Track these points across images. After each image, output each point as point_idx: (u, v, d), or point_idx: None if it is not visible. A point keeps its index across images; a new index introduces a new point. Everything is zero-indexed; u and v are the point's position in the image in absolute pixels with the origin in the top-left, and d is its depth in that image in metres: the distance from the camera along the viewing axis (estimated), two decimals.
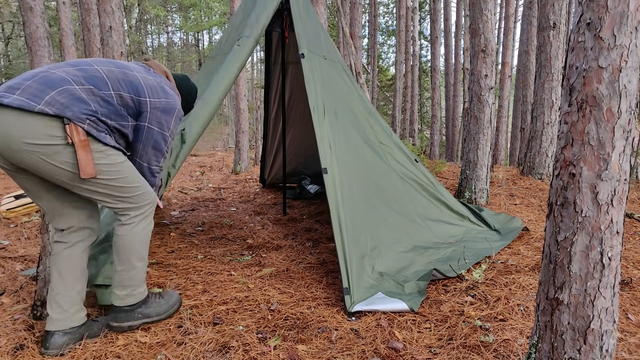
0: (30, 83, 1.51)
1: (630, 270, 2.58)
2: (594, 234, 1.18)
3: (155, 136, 1.77)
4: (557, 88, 5.05)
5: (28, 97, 1.48)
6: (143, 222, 1.81)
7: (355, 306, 2.07)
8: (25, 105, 1.46)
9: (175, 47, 25.75)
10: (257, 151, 8.46)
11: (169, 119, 1.79)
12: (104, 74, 1.65)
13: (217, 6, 16.31)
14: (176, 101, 1.83)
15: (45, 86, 1.51)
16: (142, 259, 1.83)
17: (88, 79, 1.60)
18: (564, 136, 1.22)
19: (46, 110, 1.48)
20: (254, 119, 10.45)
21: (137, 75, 1.74)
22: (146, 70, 1.83)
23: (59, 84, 1.54)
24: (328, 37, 3.44)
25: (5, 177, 5.65)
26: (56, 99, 1.50)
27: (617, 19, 1.10)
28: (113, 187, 1.69)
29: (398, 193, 3.04)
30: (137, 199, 1.77)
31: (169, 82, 1.89)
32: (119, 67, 1.72)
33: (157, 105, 1.75)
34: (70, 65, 1.63)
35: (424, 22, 19.88)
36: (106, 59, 1.76)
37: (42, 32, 7.45)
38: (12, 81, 1.54)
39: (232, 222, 3.80)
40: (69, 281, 1.74)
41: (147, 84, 1.74)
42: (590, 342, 1.22)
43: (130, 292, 1.84)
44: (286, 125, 4.58)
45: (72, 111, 1.52)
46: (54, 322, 1.71)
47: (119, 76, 1.68)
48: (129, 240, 1.77)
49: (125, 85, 1.68)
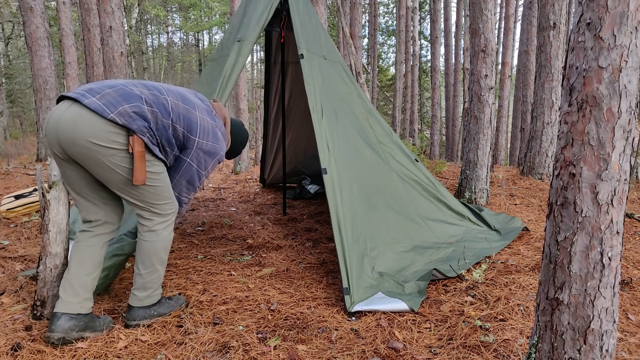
0: (110, 92, 1.71)
1: (630, 270, 2.58)
2: (594, 234, 1.18)
3: (193, 172, 1.95)
4: (557, 88, 5.05)
5: (105, 103, 1.67)
6: (167, 229, 1.93)
7: (355, 306, 2.07)
8: (100, 110, 1.65)
9: (175, 47, 25.75)
10: (257, 151, 8.46)
11: (208, 160, 1.97)
12: (170, 105, 1.83)
13: (217, 6, 16.32)
14: (222, 147, 2.00)
15: (121, 98, 1.70)
16: (163, 263, 1.96)
17: (157, 104, 1.78)
18: (564, 136, 1.22)
19: (116, 119, 1.66)
20: (254, 119, 10.45)
21: (197, 114, 1.90)
22: (208, 111, 1.99)
23: (133, 99, 1.72)
24: (328, 37, 3.44)
25: (5, 177, 5.65)
26: (127, 112, 1.69)
27: (617, 19, 1.10)
28: (150, 194, 1.84)
29: (398, 193, 3.04)
30: (164, 208, 1.91)
31: (223, 128, 2.05)
32: (186, 104, 1.88)
33: (203, 147, 1.92)
34: (146, 87, 1.83)
35: (424, 22, 19.88)
36: (177, 90, 1.93)
37: (42, 32, 7.46)
38: (94, 84, 1.74)
39: (232, 222, 3.80)
40: (87, 267, 1.85)
41: (202, 124, 1.91)
42: (590, 342, 1.22)
43: (150, 294, 1.95)
44: (286, 125, 4.57)
45: (137, 125, 1.70)
46: (64, 304, 1.79)
47: (181, 111, 1.85)
48: (154, 245, 1.90)
49: (182, 120, 1.85)
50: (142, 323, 1.94)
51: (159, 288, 1.98)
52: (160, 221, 1.90)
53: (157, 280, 1.95)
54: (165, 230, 1.92)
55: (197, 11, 17.53)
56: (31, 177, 5.74)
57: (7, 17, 14.53)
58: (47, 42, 7.47)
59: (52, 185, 1.89)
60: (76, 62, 8.35)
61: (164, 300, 2.04)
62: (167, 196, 1.90)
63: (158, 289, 1.98)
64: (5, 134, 12.58)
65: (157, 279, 1.94)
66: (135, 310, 1.93)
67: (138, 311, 1.93)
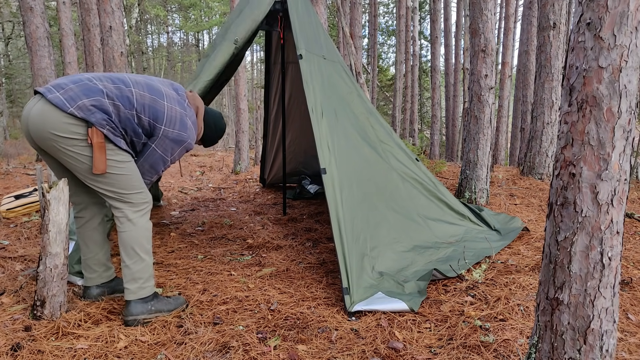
0: (73, 87, 1.83)
1: (630, 270, 2.58)
2: (594, 234, 1.18)
3: (157, 157, 2.03)
4: (557, 88, 5.04)
5: (66, 98, 1.79)
6: (143, 217, 2.01)
7: (355, 306, 2.07)
8: (61, 104, 1.78)
9: (175, 47, 25.74)
10: (257, 151, 8.46)
11: (175, 147, 2.04)
12: (135, 96, 1.92)
13: (217, 6, 16.32)
14: (189, 135, 2.06)
15: (82, 93, 1.82)
16: (147, 252, 2.02)
17: (119, 97, 1.88)
18: (564, 136, 1.22)
19: (75, 113, 1.79)
20: (254, 119, 10.45)
21: (164, 104, 1.99)
22: (180, 101, 2.06)
23: (93, 94, 1.83)
24: (328, 38, 3.44)
25: (5, 177, 5.65)
26: (86, 106, 1.80)
27: (617, 18, 1.10)
28: (117, 182, 1.92)
29: (398, 192, 3.04)
30: (136, 197, 1.98)
31: (194, 117, 2.12)
32: (152, 94, 1.97)
33: (169, 134, 2.00)
34: (111, 81, 1.92)
35: (424, 22, 19.87)
36: (146, 80, 2.01)
37: (42, 32, 7.45)
38: (62, 80, 1.86)
39: (232, 222, 3.80)
40: (93, 248, 2.11)
41: (169, 113, 1.99)
42: (590, 342, 1.22)
43: (141, 284, 1.99)
44: (286, 125, 4.57)
45: (95, 118, 1.81)
46: (88, 280, 2.15)
47: (147, 102, 1.94)
48: (133, 235, 1.97)
49: (148, 110, 1.94)
50: (141, 318, 1.96)
51: (150, 279, 2.02)
52: (134, 210, 1.98)
53: (146, 270, 2.00)
54: (141, 219, 1.99)
55: (197, 11, 17.53)
56: (31, 177, 5.74)
57: (7, 17, 14.53)
58: (47, 42, 7.46)
59: (52, 185, 1.89)
60: (76, 62, 8.34)
61: (161, 297, 2.08)
62: (137, 186, 1.97)
63: (149, 279, 2.01)
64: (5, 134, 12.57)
65: (144, 268, 1.99)
66: (132, 304, 1.96)
67: (135, 305, 1.96)
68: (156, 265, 2.74)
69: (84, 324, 1.94)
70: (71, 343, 1.79)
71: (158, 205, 4.30)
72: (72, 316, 1.99)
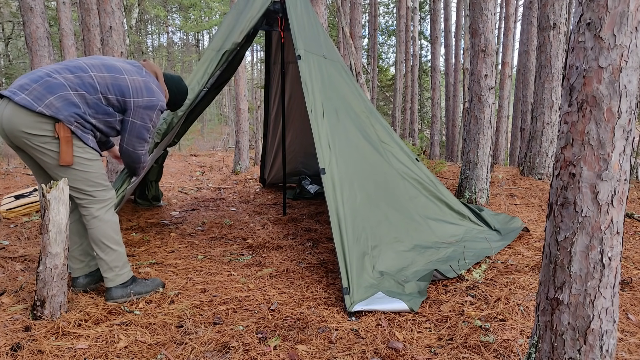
0: (36, 86, 1.92)
1: (630, 270, 2.58)
2: (594, 234, 1.18)
3: (138, 128, 2.15)
4: (557, 88, 5.04)
5: (33, 98, 1.90)
6: (109, 212, 2.15)
7: (355, 306, 2.07)
8: (29, 105, 1.88)
9: (175, 47, 25.73)
10: (257, 151, 8.45)
11: (150, 114, 2.15)
12: (95, 80, 2.02)
13: (217, 6, 16.31)
14: (159, 98, 2.17)
15: (46, 91, 1.92)
16: (117, 242, 2.17)
17: (81, 85, 1.99)
18: (564, 136, 1.22)
19: (44, 111, 1.90)
20: (254, 119, 10.45)
21: (125, 78, 2.09)
22: (138, 70, 2.16)
23: (57, 90, 1.93)
24: (328, 38, 3.44)
25: (5, 177, 5.64)
26: (53, 104, 1.92)
27: (617, 19, 1.10)
28: (83, 179, 2.05)
29: (399, 192, 3.04)
30: (100, 194, 2.12)
31: (156, 81, 2.22)
32: (111, 72, 2.06)
33: (140, 103, 2.11)
34: (69, 71, 2.00)
35: (424, 22, 19.86)
36: (101, 61, 2.09)
37: (42, 32, 7.44)
38: (23, 80, 1.95)
39: (232, 222, 3.80)
40: (76, 239, 2.23)
41: (133, 85, 2.09)
42: (590, 342, 1.22)
43: (117, 272, 2.17)
44: (286, 125, 4.57)
45: (63, 115, 1.93)
46: (75, 270, 2.26)
47: (109, 81, 2.05)
48: (101, 229, 2.11)
49: (112, 88, 2.05)
50: (122, 301, 2.17)
51: (125, 265, 2.20)
52: (100, 207, 2.12)
53: (120, 259, 2.18)
54: (107, 214, 2.14)
55: (197, 11, 17.52)
56: (31, 177, 5.73)
57: (7, 17, 14.53)
58: (47, 42, 7.44)
59: (52, 186, 1.89)
60: None
61: (139, 280, 2.27)
62: (101, 183, 2.12)
63: (124, 266, 2.20)
64: None
65: (118, 257, 2.17)
66: (112, 290, 2.17)
67: (116, 290, 2.17)
68: (156, 265, 2.74)
69: (84, 324, 1.95)
70: (71, 343, 1.79)
71: (158, 205, 4.30)
72: (72, 316, 1.99)
